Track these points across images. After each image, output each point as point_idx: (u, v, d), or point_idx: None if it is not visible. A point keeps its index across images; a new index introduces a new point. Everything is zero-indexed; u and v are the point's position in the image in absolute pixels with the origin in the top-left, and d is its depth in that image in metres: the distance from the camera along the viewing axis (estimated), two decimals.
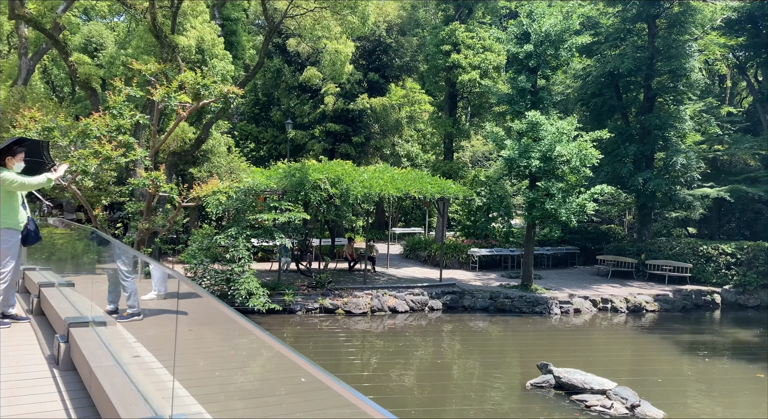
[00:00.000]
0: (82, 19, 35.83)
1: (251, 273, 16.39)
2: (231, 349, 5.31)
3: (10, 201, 6.17)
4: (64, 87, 37.55)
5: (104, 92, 20.25)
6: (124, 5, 22.31)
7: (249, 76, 22.77)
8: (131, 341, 5.10)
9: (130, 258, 6.52)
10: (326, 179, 17.89)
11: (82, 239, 9.21)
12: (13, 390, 4.28)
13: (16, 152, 6.27)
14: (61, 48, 21.48)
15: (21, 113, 12.34)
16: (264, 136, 34.27)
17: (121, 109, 12.25)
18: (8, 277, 6.10)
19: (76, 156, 11.52)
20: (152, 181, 11.90)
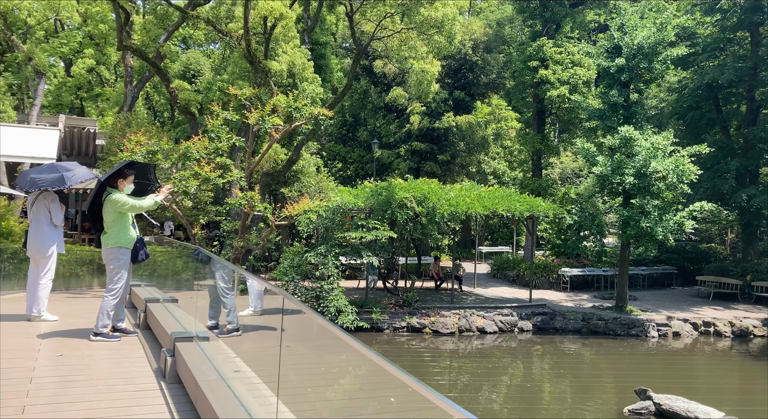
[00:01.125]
0: (181, 47, 37.93)
1: (340, 291, 16.63)
2: (331, 365, 5.39)
3: (122, 221, 6.56)
4: (164, 112, 39.72)
5: (202, 116, 21.28)
6: (220, 33, 23.45)
7: (338, 98, 23.30)
8: (231, 356, 5.28)
9: (231, 274, 6.77)
10: (412, 198, 17.96)
11: (184, 256, 9.67)
12: (124, 401, 4.53)
13: (126, 175, 6.69)
14: (162, 75, 22.78)
15: (127, 137, 13.15)
16: (351, 155, 34.89)
17: (219, 132, 12.81)
18: (120, 293, 6.48)
19: (178, 177, 12.13)
20: (247, 200, 12.33)
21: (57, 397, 4.53)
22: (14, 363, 5.44)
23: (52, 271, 7.68)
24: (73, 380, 4.97)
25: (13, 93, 32.65)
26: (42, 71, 26.52)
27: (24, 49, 25.81)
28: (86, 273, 13.80)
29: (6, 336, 6.72)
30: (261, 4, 19.80)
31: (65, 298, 11.22)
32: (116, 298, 6.46)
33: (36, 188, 7.51)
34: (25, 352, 5.88)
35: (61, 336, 6.66)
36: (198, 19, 23.56)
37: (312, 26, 26.10)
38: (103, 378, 5.04)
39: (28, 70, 27.02)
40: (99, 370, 5.32)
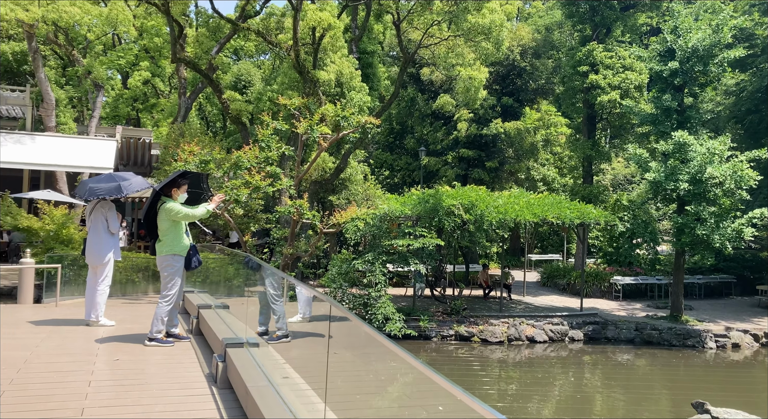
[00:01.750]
0: (232, 59, 38.77)
1: (387, 298, 16.65)
2: (378, 373, 5.42)
3: (176, 229, 6.75)
4: (216, 122, 40.64)
5: (253, 126, 21.69)
6: (270, 44, 23.89)
7: (385, 106, 23.41)
8: (281, 362, 5.36)
9: (280, 281, 6.88)
10: (460, 205, 17.88)
11: (235, 264, 9.86)
12: (177, 405, 4.64)
13: (180, 184, 6.88)
14: (215, 86, 23.32)
15: (181, 147, 13.50)
16: (398, 163, 34.97)
17: (269, 141, 13.03)
18: (174, 299, 6.65)
19: (229, 186, 12.39)
20: (296, 208, 12.49)
21: (113, 400, 4.68)
22: (74, 367, 5.65)
23: (109, 278, 7.95)
24: (129, 384, 5.12)
25: (73, 105, 33.95)
26: (100, 84, 27.50)
27: (84, 63, 26.83)
28: (141, 279, 14.20)
29: (66, 340, 6.98)
30: (310, 15, 20.10)
31: (122, 304, 11.58)
32: (170, 304, 6.64)
33: (94, 197, 7.79)
34: (84, 356, 6.10)
35: (118, 341, 6.87)
36: (249, 31, 24.08)
37: (359, 36, 26.34)
38: (157, 383, 5.18)
39: (88, 83, 28.08)
40: (153, 375, 5.47)
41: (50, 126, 23.79)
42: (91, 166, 21.82)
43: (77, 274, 12.25)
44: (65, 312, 9.26)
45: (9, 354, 6.04)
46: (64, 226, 15.92)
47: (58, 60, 35.36)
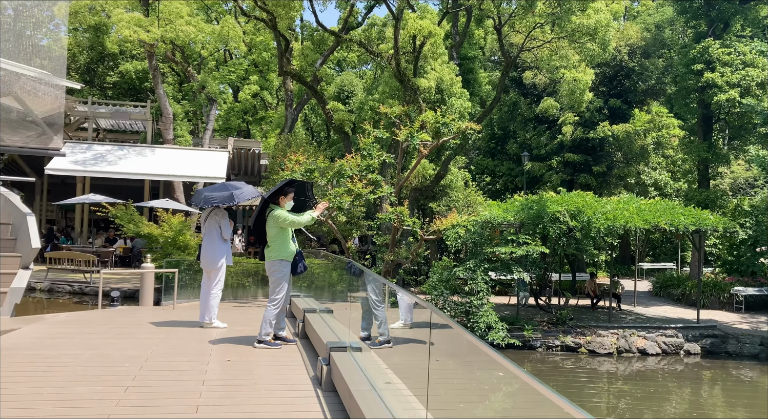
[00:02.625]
0: (335, 70, 39.78)
1: (490, 307, 16.41)
2: (481, 382, 5.36)
3: (283, 235, 6.99)
4: (321, 132, 41.78)
5: (355, 135, 22.11)
6: (372, 54, 24.30)
7: (486, 111, 23.17)
8: (383, 367, 5.41)
9: (382, 287, 6.96)
10: (565, 211, 17.35)
11: (338, 269, 10.07)
12: (284, 406, 4.79)
13: (287, 192, 7.12)
14: (319, 97, 24.01)
15: (288, 157, 13.97)
16: (500, 169, 34.46)
17: (370, 150, 13.23)
18: (281, 303, 6.89)
19: (333, 194, 12.69)
20: (397, 215, 12.59)
21: (225, 399, 4.90)
22: (189, 366, 5.97)
23: (222, 282, 8.35)
24: (239, 384, 5.34)
25: (189, 119, 36.01)
26: (213, 98, 29.04)
27: (198, 79, 28.42)
28: (251, 284, 14.81)
29: (182, 340, 7.39)
30: (410, 24, 20.28)
31: (233, 307, 12.12)
32: (278, 308, 6.88)
33: (209, 205, 8.23)
34: (199, 356, 6.43)
35: (229, 343, 7.19)
36: (351, 42, 24.61)
37: (460, 42, 26.25)
38: (265, 383, 5.37)
39: (202, 97, 29.72)
40: (261, 376, 5.68)
41: (168, 139, 25.36)
42: (205, 176, 23.05)
43: (192, 279, 12.95)
44: (181, 315, 9.81)
45: (132, 353, 6.48)
46: (181, 233, 16.89)
47: (175, 76, 37.68)
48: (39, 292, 16.39)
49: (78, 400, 4.73)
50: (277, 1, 20.29)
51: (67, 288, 16.74)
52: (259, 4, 20.62)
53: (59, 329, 8.08)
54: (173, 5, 24.25)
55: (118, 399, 4.76)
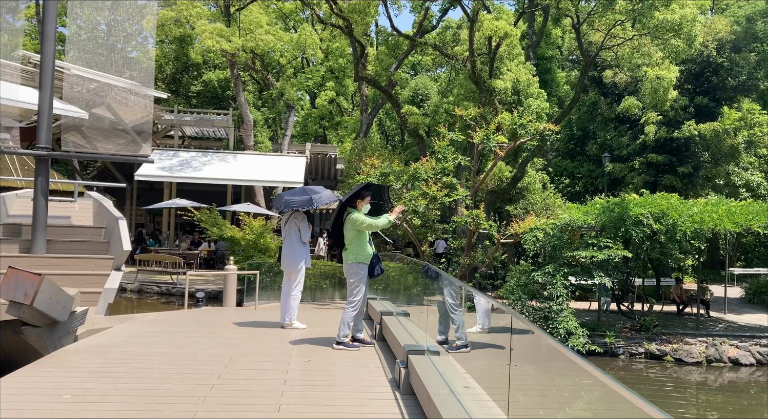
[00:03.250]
0: (410, 74, 39.91)
1: (569, 312, 16.00)
2: (562, 388, 5.24)
3: (360, 238, 7.08)
4: (395, 136, 42.00)
5: (430, 138, 22.10)
6: (446, 57, 24.23)
7: (564, 112, 22.65)
8: (461, 371, 5.38)
9: (458, 291, 6.92)
10: (649, 214, 16.71)
11: (413, 272, 10.09)
12: (363, 407, 4.84)
13: (364, 196, 7.21)
14: (394, 102, 24.15)
15: (363, 161, 14.14)
16: (579, 170, 33.59)
17: (445, 152, 13.21)
18: (359, 306, 6.97)
19: (408, 197, 12.74)
20: (473, 218, 12.51)
21: (305, 399, 5.01)
22: (271, 366, 6.13)
23: (301, 284, 8.53)
24: (319, 384, 5.44)
25: (268, 125, 37.01)
26: (292, 105, 29.72)
27: (277, 86, 29.18)
28: (328, 286, 15.04)
29: (264, 341, 7.60)
30: (486, 25, 20.10)
31: (311, 309, 12.35)
32: (356, 310, 6.96)
33: (289, 208, 8.43)
34: (280, 356, 6.59)
35: (309, 343, 7.34)
36: (425, 46, 24.63)
37: (537, 42, 25.80)
38: (344, 384, 5.45)
39: (281, 104, 30.48)
40: (340, 377, 5.76)
41: (249, 145, 26.15)
42: (284, 181, 23.62)
43: (273, 280, 13.30)
44: (263, 315, 10.08)
45: (217, 352, 6.72)
46: (262, 236, 17.37)
47: (256, 84, 38.82)
48: (129, 293, 17.24)
49: (168, 396, 4.95)
50: (353, 8, 20.58)
51: (155, 289, 17.53)
52: (336, 11, 20.97)
53: (149, 328, 8.48)
54: (253, 15, 25.02)
55: (204, 397, 4.94)
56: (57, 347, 7.05)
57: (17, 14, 35.71)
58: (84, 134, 23.84)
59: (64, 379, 5.36)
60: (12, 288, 6.35)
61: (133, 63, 29.41)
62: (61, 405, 4.63)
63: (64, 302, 7.15)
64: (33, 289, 6.35)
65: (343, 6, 21.15)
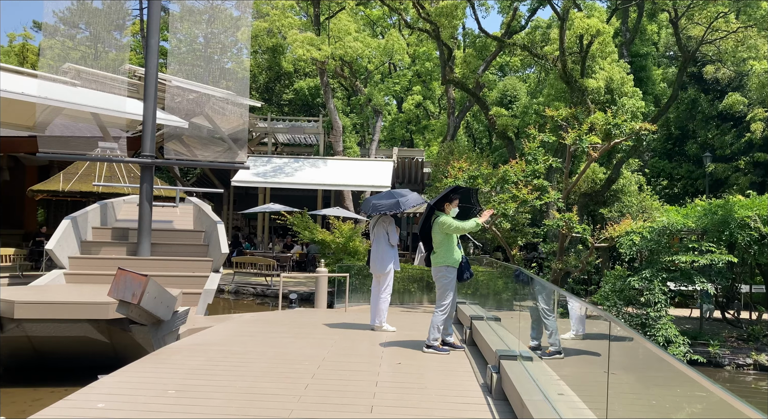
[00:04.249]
0: (498, 75, 39.42)
1: (669, 319, 15.28)
2: (663, 399, 5.02)
3: (448, 242, 7.06)
4: (483, 139, 41.59)
5: (519, 140, 21.74)
6: (536, 57, 23.78)
7: (662, 110, 21.72)
8: (555, 378, 5.26)
9: (551, 296, 6.77)
10: (757, 217, 15.70)
11: (504, 277, 9.94)
12: (455, 412, 4.83)
13: (452, 199, 7.19)
14: (481, 104, 23.93)
15: (451, 165, 14.10)
16: (678, 171, 32.05)
17: (535, 154, 12.97)
18: (448, 309, 6.96)
19: (497, 200, 12.59)
20: (565, 222, 12.20)
21: (397, 401, 5.04)
22: (362, 367, 6.22)
23: (390, 286, 8.60)
24: (410, 387, 5.47)
25: (357, 131, 37.60)
26: (379, 110, 30.06)
27: (365, 92, 29.59)
28: (417, 289, 15.09)
29: (355, 342, 7.72)
30: (577, 23, 19.57)
31: (400, 312, 12.43)
32: (445, 314, 6.95)
33: (376, 212, 8.54)
34: (370, 358, 6.68)
35: (399, 346, 7.39)
36: (514, 46, 24.27)
37: (631, 38, 24.86)
38: (435, 388, 5.45)
39: (368, 109, 30.91)
40: (431, 380, 5.77)
41: (338, 150, 26.66)
42: (372, 185, 23.91)
43: (362, 283, 13.49)
44: (353, 317, 10.24)
45: (311, 352, 6.89)
46: (351, 239, 17.66)
47: (344, 91, 39.53)
48: (227, 294, 17.96)
49: (265, 394, 5.12)
50: (440, 11, 20.59)
51: (251, 291, 18.17)
52: (423, 15, 21.05)
53: (245, 328, 8.80)
54: (342, 23, 25.51)
55: (299, 396, 5.08)
56: (161, 345, 7.46)
57: (124, 31, 38.11)
58: (184, 142, 25.08)
59: (168, 375, 5.66)
60: (121, 289, 6.77)
61: (229, 73, 30.68)
62: (167, 400, 4.89)
63: (168, 302, 7.55)
64: (140, 289, 6.74)
65: (430, 10, 21.19)
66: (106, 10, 34.82)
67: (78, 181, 18.25)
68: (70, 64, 21.50)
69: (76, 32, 37.07)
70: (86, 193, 17.95)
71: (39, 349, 7.49)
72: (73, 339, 7.32)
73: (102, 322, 7.23)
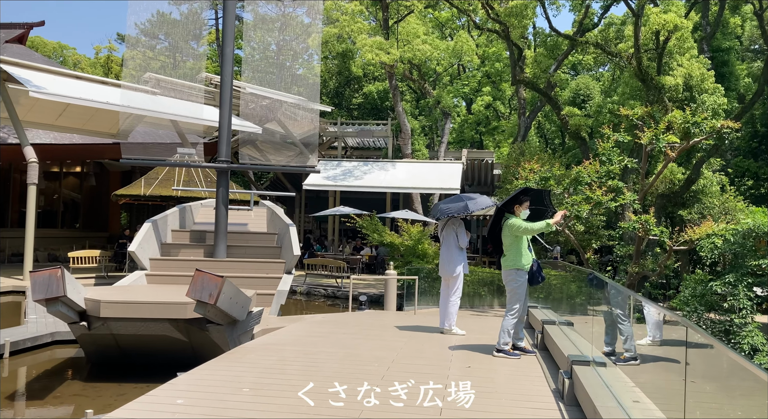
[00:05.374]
0: (570, 74, 38.57)
1: (755, 326, 14.52)
2: (750, 411, 4.79)
3: (518, 244, 6.97)
4: (555, 139, 40.78)
5: (593, 140, 21.19)
6: (609, 55, 23.14)
7: (746, 107, 20.71)
8: (630, 385, 5.10)
9: (626, 301, 6.58)
10: None
11: (577, 281, 9.72)
12: (527, 416, 4.76)
13: (522, 201, 7.10)
14: (553, 104, 23.48)
15: (522, 166, 13.89)
16: (765, 171, 30.41)
17: (610, 154, 12.62)
18: (519, 313, 6.87)
19: (570, 202, 12.32)
20: (642, 224, 11.83)
21: (467, 404, 5.02)
22: (431, 370, 6.22)
23: (460, 290, 8.56)
24: (480, 391, 5.42)
25: (425, 133, 37.60)
26: (448, 112, 29.96)
27: (433, 94, 29.57)
28: (487, 293, 14.95)
29: (423, 345, 7.72)
30: (653, 19, 18.92)
31: (470, 315, 12.35)
32: (515, 318, 6.86)
33: (445, 215, 8.52)
34: (439, 361, 6.67)
35: (468, 350, 7.35)
36: (587, 45, 23.71)
37: (712, 33, 23.83)
38: (506, 393, 5.39)
39: (437, 112, 30.85)
40: (502, 384, 5.71)
41: (407, 153, 26.74)
42: (441, 188, 23.84)
43: (431, 286, 13.47)
44: (422, 320, 10.25)
45: (380, 354, 6.94)
46: (420, 242, 17.68)
47: (413, 93, 39.61)
48: (299, 295, 18.31)
49: (336, 394, 5.20)
50: (509, 11, 20.36)
51: (322, 292, 18.46)
52: (492, 16, 20.87)
53: (317, 328, 8.96)
54: (410, 26, 25.59)
55: (366, 401, 5.13)
56: (236, 344, 7.69)
57: (200, 40, 39.53)
58: (258, 147, 25.77)
59: (243, 374, 5.84)
60: (198, 289, 7.03)
61: (300, 79, 31.32)
62: (242, 398, 5.05)
63: (243, 302, 7.79)
64: (216, 290, 6.98)
65: (500, 10, 20.97)
66: (184, 20, 36.25)
67: (158, 185, 19.05)
68: (150, 74, 22.49)
69: (156, 43, 38.72)
70: (166, 197, 18.69)
71: (123, 346, 7.87)
72: (154, 337, 7.66)
73: (181, 321, 7.53)
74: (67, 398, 6.92)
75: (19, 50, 25.18)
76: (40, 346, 9.06)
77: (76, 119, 20.05)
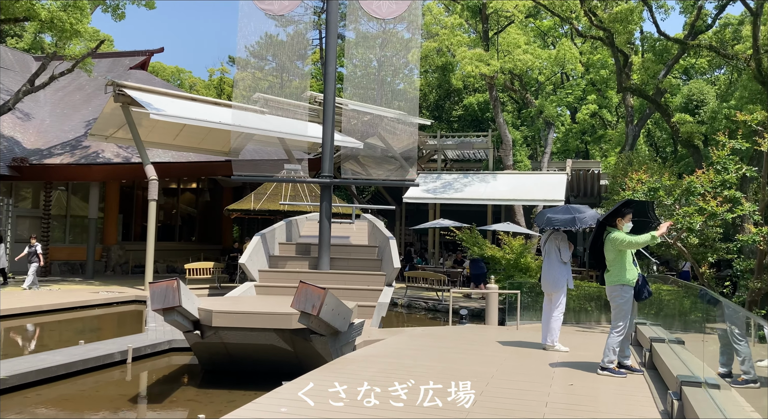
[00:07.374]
0: (681, 79, 36.68)
1: None
2: None
3: (622, 259, 6.73)
4: (666, 147, 38.87)
5: (707, 148, 20.04)
6: (725, 58, 21.87)
7: None
8: (747, 410, 4.80)
9: (742, 319, 6.19)
10: None
11: (690, 297, 9.23)
12: None
13: (624, 214, 6.85)
14: (663, 111, 22.44)
15: (629, 176, 13.38)
16: None
17: (726, 163, 11.94)
18: (624, 330, 6.62)
19: (681, 213, 11.73)
20: (763, 237, 11.06)
21: None
22: (532, 387, 6.11)
23: (563, 305, 8.35)
24: (582, 410, 5.29)
25: (527, 144, 36.92)
26: (551, 121, 29.32)
27: (536, 104, 29.04)
28: (594, 308, 14.44)
29: (525, 361, 7.60)
30: None
31: (574, 331, 11.98)
32: (621, 335, 6.61)
33: (550, 227, 8.36)
34: (541, 378, 6.54)
35: (571, 367, 7.15)
36: (699, 48, 22.55)
37: None
38: (609, 413, 5.22)
39: (540, 122, 30.26)
40: (605, 404, 5.53)
41: (508, 164, 26.39)
42: (544, 199, 23.31)
43: (534, 300, 13.19)
44: (524, 335, 10.07)
45: (479, 369, 6.90)
46: (522, 255, 17.35)
47: (514, 104, 39.08)
48: (400, 307, 18.45)
49: (433, 409, 5.23)
50: (614, 17, 19.72)
51: (422, 305, 18.51)
52: (596, 23, 20.29)
53: (416, 341, 9.02)
54: (511, 37, 25.33)
55: (467, 412, 5.13)
56: (339, 354, 7.89)
57: (305, 60, 40.97)
58: (360, 162, 26.31)
59: (343, 384, 5.99)
60: (302, 301, 7.29)
61: (400, 94, 31.73)
62: (343, 408, 5.18)
63: (345, 314, 7.99)
64: (319, 302, 7.21)
65: (604, 17, 20.35)
66: (290, 41, 37.70)
67: (267, 200, 19.90)
68: (259, 94, 23.55)
69: (264, 64, 40.53)
70: (274, 211, 19.48)
71: (233, 355, 8.28)
72: (262, 346, 8.00)
73: (286, 332, 7.82)
74: (182, 403, 7.37)
75: (141, 76, 27.22)
76: (159, 353, 9.68)
77: (191, 139, 21.39)
